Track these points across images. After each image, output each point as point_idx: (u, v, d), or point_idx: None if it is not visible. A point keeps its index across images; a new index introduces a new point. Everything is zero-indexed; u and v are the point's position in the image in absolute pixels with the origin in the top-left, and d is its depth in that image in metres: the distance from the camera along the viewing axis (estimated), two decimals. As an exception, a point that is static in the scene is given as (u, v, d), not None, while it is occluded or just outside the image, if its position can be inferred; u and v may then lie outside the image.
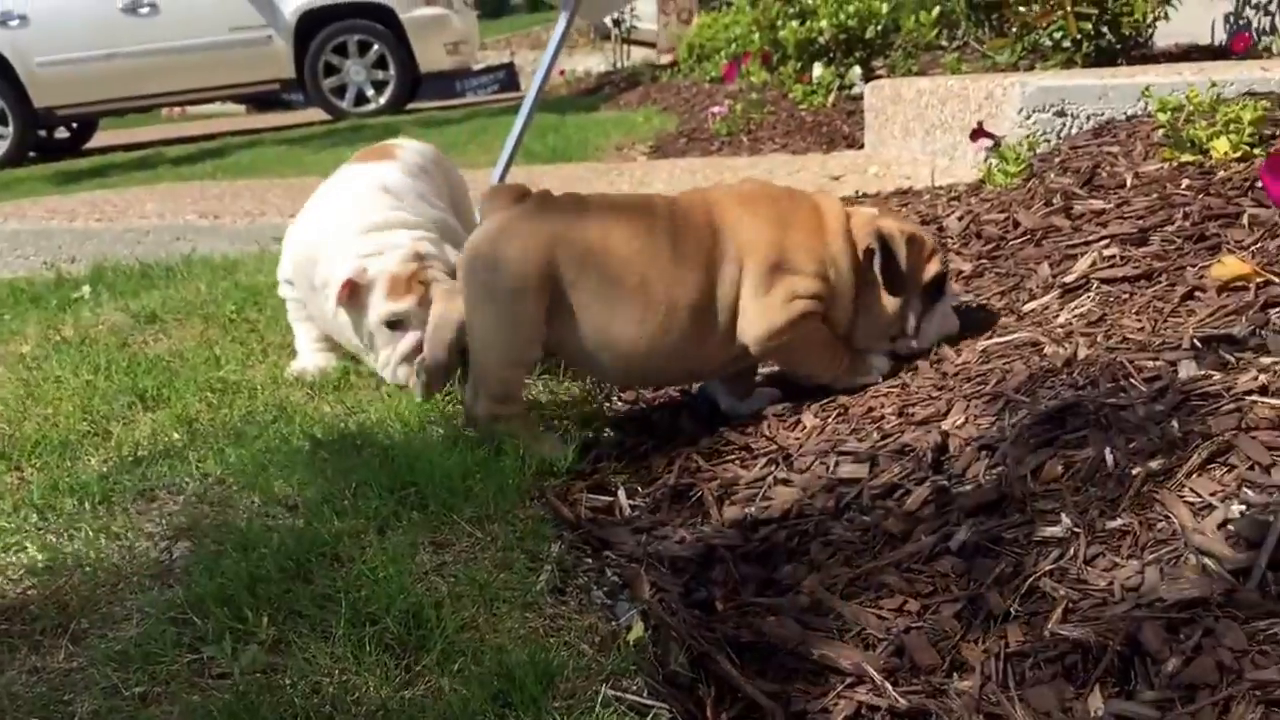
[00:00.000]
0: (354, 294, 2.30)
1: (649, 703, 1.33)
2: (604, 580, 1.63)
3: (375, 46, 10.35)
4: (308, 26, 10.20)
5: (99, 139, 12.39)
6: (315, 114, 11.33)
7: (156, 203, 4.51)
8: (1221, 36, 5.29)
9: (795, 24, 6.33)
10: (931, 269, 2.16)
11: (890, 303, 2.13)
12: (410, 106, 10.88)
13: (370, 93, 10.48)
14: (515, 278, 1.97)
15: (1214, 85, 2.93)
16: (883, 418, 1.96)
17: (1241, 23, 5.21)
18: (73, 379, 2.53)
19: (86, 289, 3.56)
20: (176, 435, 2.16)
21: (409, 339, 2.30)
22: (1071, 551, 1.43)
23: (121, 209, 4.37)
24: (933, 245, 2.19)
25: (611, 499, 1.93)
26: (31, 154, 10.81)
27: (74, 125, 11.89)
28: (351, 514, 1.72)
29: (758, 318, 2.04)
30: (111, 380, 2.48)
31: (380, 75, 10.46)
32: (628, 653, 1.43)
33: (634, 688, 1.37)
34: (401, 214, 2.46)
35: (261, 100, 14.75)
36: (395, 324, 2.30)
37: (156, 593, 1.59)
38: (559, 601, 1.55)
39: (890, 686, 1.34)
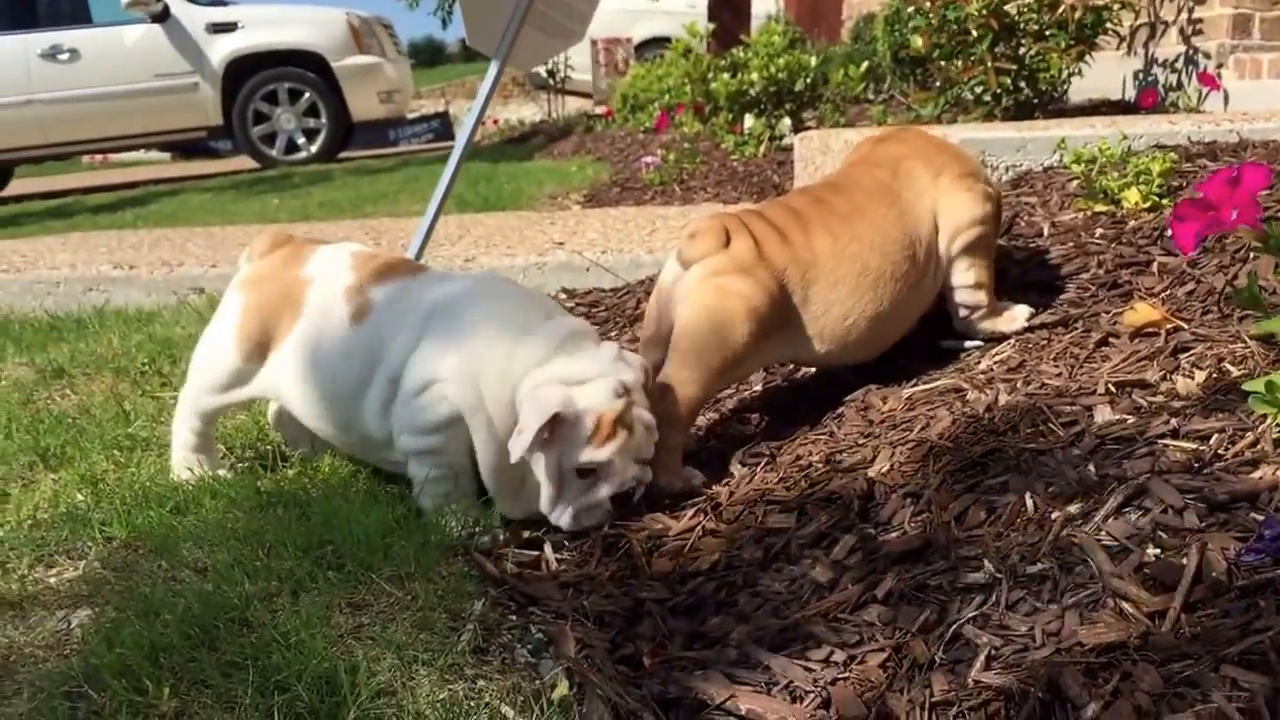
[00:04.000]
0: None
1: (571, 765, 1.29)
2: (528, 638, 1.59)
3: (306, 94, 10.28)
4: (236, 74, 10.11)
5: (14, 187, 12.09)
6: (243, 162, 11.20)
7: (69, 253, 4.39)
8: (1131, 92, 5.49)
9: (726, 76, 6.42)
10: None
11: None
12: (342, 155, 10.82)
13: (301, 141, 10.39)
14: (753, 309, 2.02)
15: (1125, 138, 3.01)
16: (810, 465, 1.95)
17: (1150, 79, 5.41)
18: (-30, 439, 2.43)
19: (-9, 343, 3.44)
20: (80, 496, 2.07)
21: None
22: (994, 598, 1.42)
23: (31, 259, 4.24)
24: None
25: (538, 553, 1.89)
26: (-56, 202, 10.53)
27: (-13, 173, 11.62)
28: (263, 576, 1.65)
29: (965, 207, 2.21)
30: (11, 439, 2.39)
31: (311, 123, 10.38)
32: (552, 713, 1.39)
33: (556, 749, 1.33)
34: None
35: (187, 148, 14.55)
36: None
37: (51, 665, 1.50)
38: (481, 661, 1.50)
39: (816, 742, 1.31)
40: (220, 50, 10.07)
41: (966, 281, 2.23)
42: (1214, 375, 1.77)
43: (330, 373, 2.01)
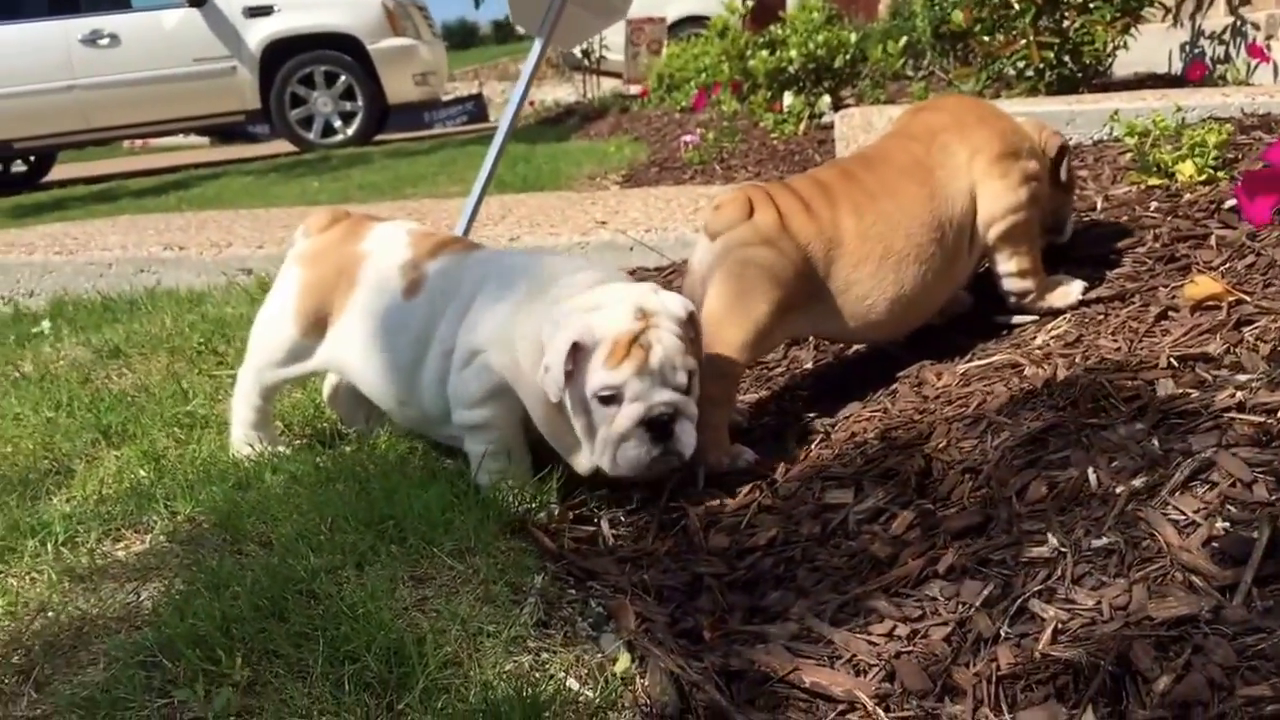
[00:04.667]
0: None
1: (638, 736, 1.30)
2: (589, 612, 1.61)
3: (342, 77, 10.32)
4: (273, 57, 10.16)
5: (57, 172, 12.23)
6: (280, 146, 11.27)
7: (119, 235, 4.45)
8: (1178, 65, 5.40)
9: (765, 54, 6.37)
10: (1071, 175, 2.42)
11: (1054, 197, 2.31)
12: (378, 138, 10.85)
13: (338, 124, 10.43)
14: (777, 280, 2.01)
15: (1179, 110, 2.97)
16: (865, 442, 1.95)
17: (1197, 52, 5.31)
18: (33, 416, 2.47)
19: (46, 324, 3.50)
20: (143, 472, 2.11)
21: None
22: (1059, 571, 1.42)
23: (83, 242, 4.30)
24: None
25: (594, 529, 1.90)
26: (-12, 188, 10.66)
27: (31, 158, 11.73)
28: (328, 550, 1.68)
29: (1000, 195, 2.15)
30: (74, 417, 2.43)
31: (348, 106, 10.42)
32: (615, 685, 1.40)
33: (623, 720, 1.34)
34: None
35: (225, 132, 14.66)
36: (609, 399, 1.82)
37: (124, 636, 1.54)
38: (543, 634, 1.52)
39: (883, 712, 1.32)
40: (257, 34, 10.11)
41: (1010, 270, 2.21)
42: (1279, 348, 1.75)
43: (389, 346, 2.03)
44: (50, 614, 1.62)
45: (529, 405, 1.91)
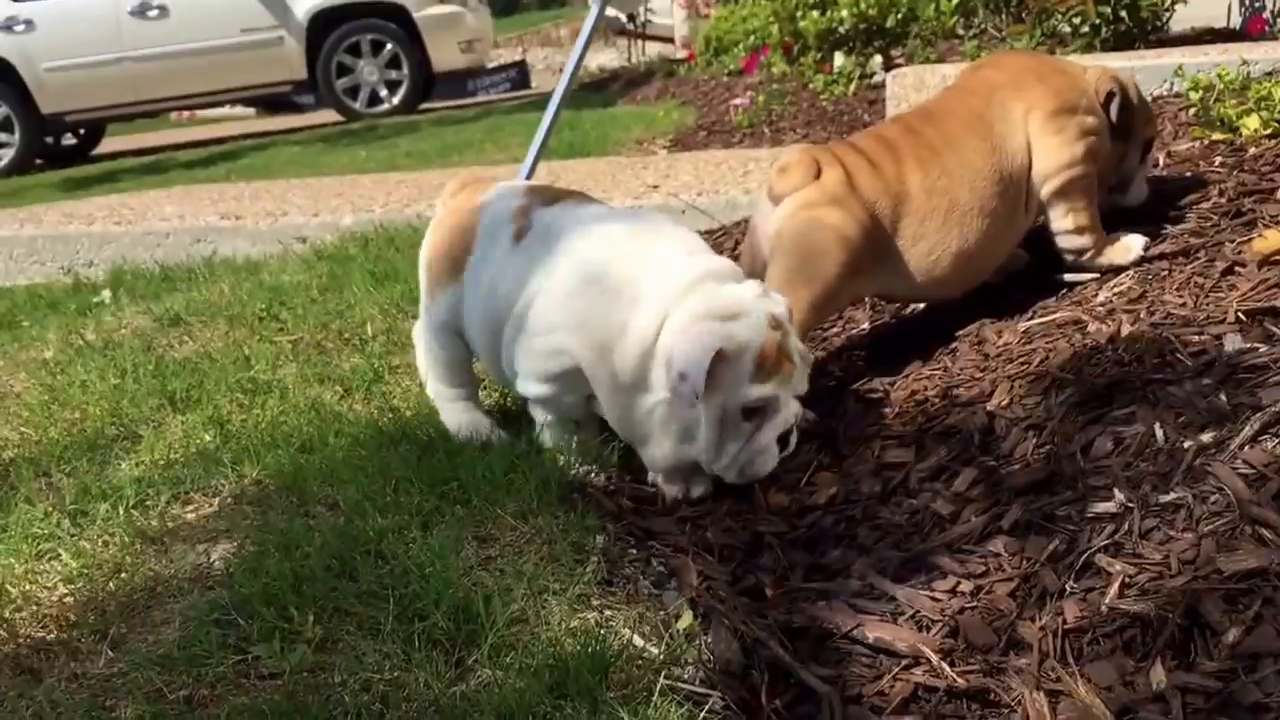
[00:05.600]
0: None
1: (703, 691, 1.32)
2: (650, 570, 1.62)
3: (388, 46, 10.32)
4: (320, 27, 10.18)
5: (106, 144, 12.40)
6: (326, 115, 11.33)
7: (175, 205, 4.52)
8: (1236, 20, 5.26)
9: (816, 14, 6.30)
10: (1148, 129, 2.34)
11: (1114, 148, 2.24)
12: (423, 106, 10.87)
13: (384, 93, 10.44)
14: (845, 242, 2.00)
15: (1245, 64, 2.90)
16: (926, 400, 1.94)
17: (1257, 5, 5.17)
18: (99, 383, 2.53)
19: (106, 293, 3.57)
20: (209, 437, 2.15)
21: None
22: (1126, 526, 1.41)
23: (140, 212, 4.38)
24: (1150, 108, 2.36)
25: (653, 490, 1.91)
26: (38, 160, 10.72)
27: (81, 131, 11.87)
28: (393, 511, 1.71)
29: (1053, 151, 2.12)
30: (139, 383, 2.48)
31: (393, 75, 10.42)
32: (679, 642, 1.42)
33: (687, 676, 1.36)
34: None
35: (271, 103, 14.75)
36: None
37: (197, 595, 1.58)
38: (607, 592, 1.54)
39: (948, 667, 1.32)
40: (304, 4, 10.12)
41: (1066, 227, 2.17)
42: (1350, 303, 1.71)
43: (491, 294, 1.96)
44: (124, 575, 1.67)
45: (601, 396, 1.83)
